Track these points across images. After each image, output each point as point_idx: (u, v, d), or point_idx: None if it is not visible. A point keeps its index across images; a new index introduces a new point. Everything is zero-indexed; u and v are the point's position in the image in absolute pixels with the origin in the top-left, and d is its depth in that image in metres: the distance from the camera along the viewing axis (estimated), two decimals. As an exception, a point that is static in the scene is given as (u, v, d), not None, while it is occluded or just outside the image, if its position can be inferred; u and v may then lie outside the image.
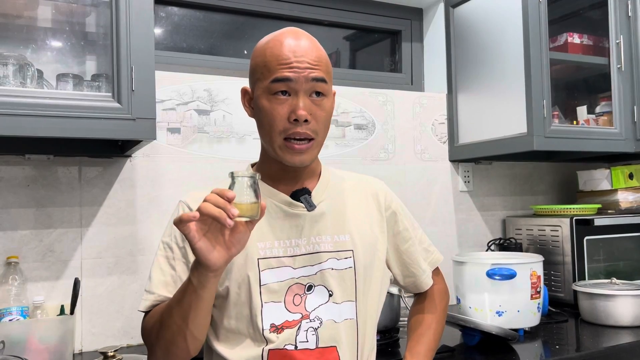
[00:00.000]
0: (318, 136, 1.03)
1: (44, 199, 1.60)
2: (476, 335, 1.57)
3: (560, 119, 2.17)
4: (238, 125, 1.87)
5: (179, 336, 0.94)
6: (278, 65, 0.99)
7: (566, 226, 2.03)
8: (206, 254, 0.86)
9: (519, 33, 1.93)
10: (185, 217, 0.84)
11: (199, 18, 2.06)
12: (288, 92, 1.00)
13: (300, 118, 0.98)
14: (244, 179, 0.89)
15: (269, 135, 1.02)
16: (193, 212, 0.84)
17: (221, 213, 0.84)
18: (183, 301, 0.92)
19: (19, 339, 1.36)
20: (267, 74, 1.00)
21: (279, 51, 1.00)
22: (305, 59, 1.00)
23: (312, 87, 1.01)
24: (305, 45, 1.02)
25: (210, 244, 0.87)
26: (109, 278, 1.67)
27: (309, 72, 0.99)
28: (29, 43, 1.50)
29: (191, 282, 0.90)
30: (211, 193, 0.86)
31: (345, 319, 1.05)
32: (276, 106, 1.00)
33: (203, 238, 0.86)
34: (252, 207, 0.88)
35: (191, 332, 0.94)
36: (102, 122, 1.32)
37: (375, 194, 1.17)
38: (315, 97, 1.01)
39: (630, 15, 2.12)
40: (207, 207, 0.84)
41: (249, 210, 0.88)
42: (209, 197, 0.86)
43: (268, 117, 1.01)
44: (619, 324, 1.75)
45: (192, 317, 0.93)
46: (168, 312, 0.95)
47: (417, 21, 2.41)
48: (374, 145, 2.12)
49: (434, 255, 1.25)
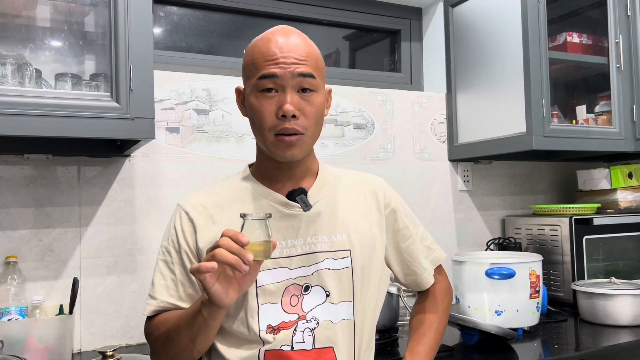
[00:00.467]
0: (307, 131, 1.02)
1: (43, 198, 1.60)
2: (475, 334, 1.57)
3: (560, 119, 2.17)
4: (237, 124, 1.87)
5: (185, 352, 0.98)
6: (265, 62, 1.00)
7: (565, 225, 2.03)
8: (220, 297, 0.90)
9: (518, 32, 1.93)
10: (204, 268, 0.86)
11: (198, 17, 2.06)
12: (275, 88, 1.00)
13: (288, 114, 0.98)
14: (255, 222, 0.90)
15: (260, 132, 1.03)
16: (211, 263, 0.86)
17: (237, 260, 0.86)
18: (192, 326, 0.95)
19: (18, 339, 1.36)
20: (255, 72, 1.01)
21: (266, 48, 1.01)
22: (291, 54, 1.00)
23: (300, 83, 1.00)
24: (294, 42, 1.02)
25: (224, 286, 0.90)
26: (108, 278, 1.67)
27: (295, 67, 0.99)
28: (28, 42, 1.50)
29: (201, 313, 0.93)
30: (224, 236, 0.88)
31: (342, 319, 1.05)
32: (264, 103, 1.00)
33: (217, 283, 0.89)
34: (265, 248, 0.90)
35: (198, 350, 0.99)
36: (101, 121, 1.32)
37: (374, 192, 1.16)
38: (304, 93, 1.01)
39: (629, 15, 2.11)
40: (222, 254, 0.86)
41: (261, 253, 0.90)
42: (222, 241, 0.87)
43: (257, 115, 1.01)
44: (618, 323, 1.75)
45: (200, 340, 0.96)
46: (176, 331, 0.98)
47: (417, 21, 2.41)
48: (373, 145, 2.12)
49: (436, 253, 1.24)
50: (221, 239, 0.87)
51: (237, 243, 0.86)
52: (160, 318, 1.04)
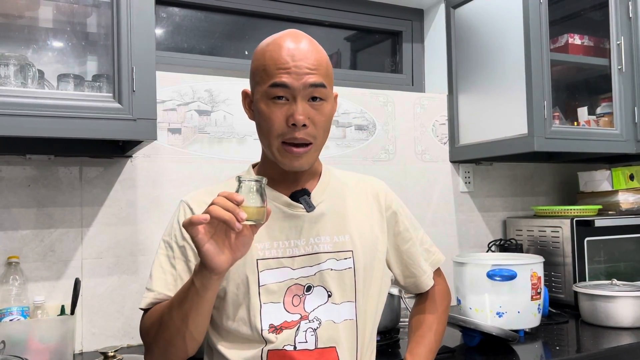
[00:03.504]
0: (317, 140, 1.03)
1: (45, 199, 1.60)
2: (476, 336, 1.57)
3: (561, 120, 2.17)
4: (239, 125, 1.87)
5: (178, 337, 0.95)
6: (276, 69, 0.99)
7: (567, 227, 2.03)
8: (213, 257, 0.87)
9: (519, 34, 1.93)
10: (195, 219, 0.84)
11: (200, 19, 2.06)
12: (286, 97, 1.00)
13: (298, 123, 0.98)
14: (251, 183, 0.90)
15: (268, 139, 1.02)
16: (203, 215, 0.84)
17: (230, 217, 0.84)
18: (184, 303, 0.92)
19: (19, 339, 1.36)
20: (266, 78, 1.00)
21: (278, 55, 1.00)
22: (303, 63, 0.99)
23: (311, 93, 1.00)
24: (305, 49, 1.01)
25: (217, 247, 0.87)
26: (109, 278, 1.67)
27: (307, 77, 0.99)
28: (30, 43, 1.50)
29: (194, 284, 0.90)
30: (219, 196, 0.86)
31: (345, 319, 1.05)
32: (274, 110, 1.00)
33: (210, 241, 0.87)
34: (259, 211, 0.89)
35: (190, 333, 0.94)
36: (103, 122, 1.32)
37: (375, 194, 1.17)
38: (314, 102, 1.01)
39: (631, 16, 2.12)
40: (216, 210, 0.84)
41: (255, 214, 0.89)
42: (217, 200, 0.86)
43: (267, 121, 1.01)
44: (620, 325, 1.75)
45: (192, 318, 0.93)
46: (168, 313, 0.95)
47: (418, 22, 2.41)
48: (374, 146, 2.12)
49: (435, 256, 1.25)
50: (216, 198, 0.86)
51: (231, 202, 0.85)
52: (155, 308, 1.02)
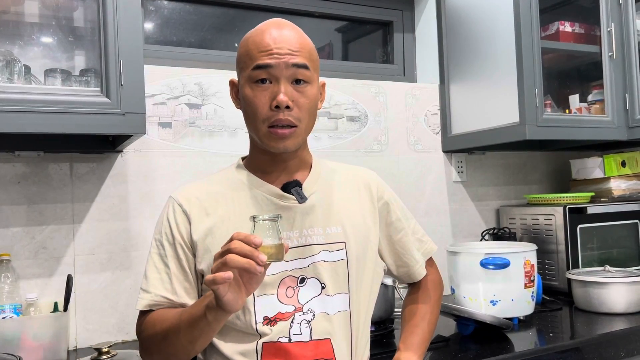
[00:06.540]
0: (301, 123, 1.02)
1: (36, 195, 1.59)
2: (470, 324, 1.57)
3: (553, 108, 2.17)
4: (230, 118, 1.86)
5: (183, 353, 0.97)
6: (258, 52, 1.00)
7: (559, 215, 2.03)
8: (232, 304, 0.86)
9: (510, 22, 1.92)
10: (220, 279, 0.81)
11: (188, 11, 2.04)
12: (269, 79, 1.00)
13: (281, 104, 0.98)
14: (266, 223, 0.86)
15: (254, 124, 1.03)
16: (227, 274, 0.81)
17: (250, 264, 0.82)
18: (193, 329, 0.92)
19: (12, 337, 1.36)
20: (249, 62, 1.01)
21: (260, 39, 1.01)
22: (285, 45, 1.00)
23: (294, 74, 1.00)
24: (287, 34, 1.02)
25: (236, 293, 0.85)
26: (102, 274, 1.66)
27: (289, 57, 0.99)
28: (16, 39, 1.48)
29: (206, 317, 0.89)
30: (235, 240, 0.83)
31: (339, 311, 1.05)
32: (258, 94, 1.00)
33: (230, 289, 0.85)
34: (277, 249, 0.86)
35: (195, 351, 0.97)
36: (91, 117, 1.31)
37: (367, 185, 1.17)
38: (297, 85, 1.01)
39: (621, 3, 2.11)
40: (234, 260, 0.81)
41: (275, 255, 0.85)
42: (234, 246, 0.82)
43: (251, 106, 1.01)
44: (613, 311, 1.76)
45: (200, 342, 0.94)
46: (175, 333, 0.95)
47: (409, 12, 2.40)
48: (366, 137, 2.11)
49: (427, 245, 1.25)
50: (232, 243, 0.83)
51: (249, 245, 0.82)
52: (156, 316, 1.02)
